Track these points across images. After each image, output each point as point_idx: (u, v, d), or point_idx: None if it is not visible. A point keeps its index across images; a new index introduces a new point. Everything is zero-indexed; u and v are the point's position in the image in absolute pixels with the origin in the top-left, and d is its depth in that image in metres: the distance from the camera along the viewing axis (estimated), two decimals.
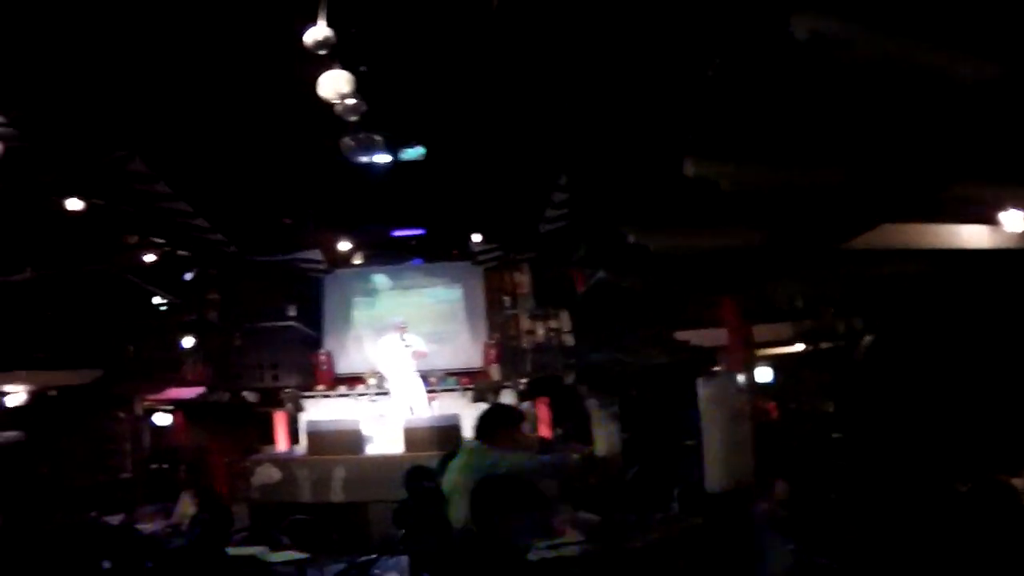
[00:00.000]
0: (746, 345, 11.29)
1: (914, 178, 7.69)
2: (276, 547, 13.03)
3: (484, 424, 8.45)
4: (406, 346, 20.90)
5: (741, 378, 11.01)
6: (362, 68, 14.85)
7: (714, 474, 10.37)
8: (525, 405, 20.05)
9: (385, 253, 27.68)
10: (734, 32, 6.59)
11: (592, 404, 17.51)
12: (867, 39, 5.60)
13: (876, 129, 6.87)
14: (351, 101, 14.50)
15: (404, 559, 11.57)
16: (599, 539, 10.91)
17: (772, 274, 11.28)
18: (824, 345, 12.34)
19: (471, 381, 24.49)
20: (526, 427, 11.21)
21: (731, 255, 9.79)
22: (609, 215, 10.92)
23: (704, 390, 10.63)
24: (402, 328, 21.28)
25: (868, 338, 11.32)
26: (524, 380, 22.68)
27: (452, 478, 8.33)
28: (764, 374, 12.55)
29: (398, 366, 21.04)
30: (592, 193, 12.79)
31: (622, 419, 16.47)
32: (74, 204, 16.23)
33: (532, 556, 9.70)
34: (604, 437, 17.02)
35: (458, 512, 7.93)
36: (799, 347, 12.99)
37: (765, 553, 7.02)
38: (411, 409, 20.77)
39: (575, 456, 17.16)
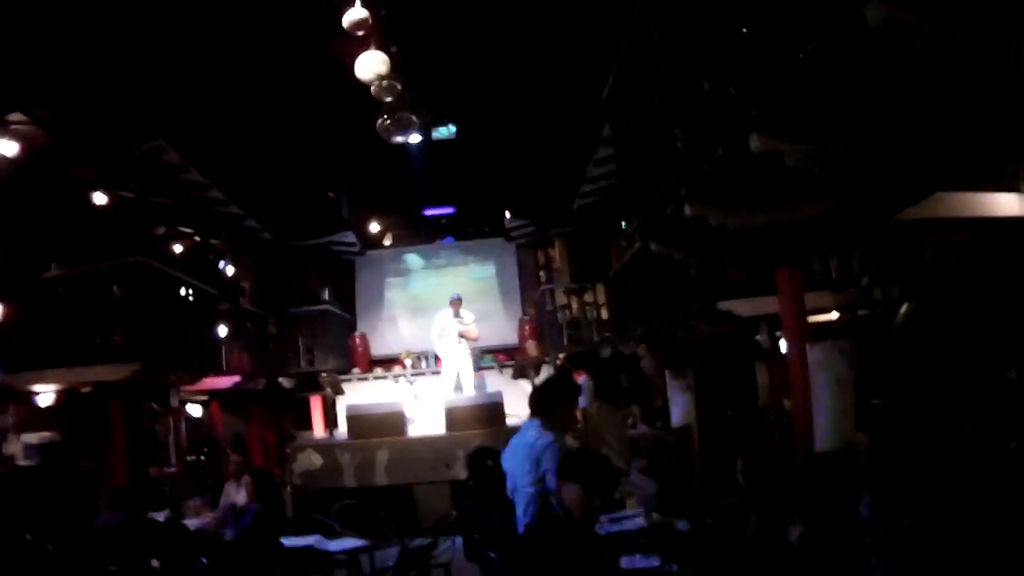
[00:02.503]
0: (799, 315, 11.12)
1: (972, 147, 7.55)
2: (330, 534, 12.92)
3: (541, 400, 8.27)
4: (459, 323, 20.73)
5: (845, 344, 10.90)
6: (393, 49, 14.76)
7: (823, 436, 10.31)
8: (582, 379, 19.78)
9: (418, 233, 27.71)
10: (804, 14, 6.44)
11: (667, 377, 17.27)
12: (940, 28, 5.45)
13: (938, 102, 6.71)
14: (387, 82, 14.42)
15: (458, 540, 11.37)
16: (663, 511, 10.83)
17: (826, 247, 11.17)
18: (861, 313, 12.17)
19: (508, 358, 24.45)
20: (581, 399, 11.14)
21: (787, 229, 9.63)
22: (657, 187, 10.77)
23: (812, 355, 10.55)
24: (457, 304, 21.10)
25: (906, 306, 11.15)
26: (562, 355, 22.53)
27: (514, 457, 8.20)
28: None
29: (450, 342, 20.88)
30: (638, 167, 12.62)
31: (697, 392, 16.30)
32: (104, 198, 16.17)
33: (599, 530, 9.64)
34: (680, 410, 16.82)
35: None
36: (834, 316, 12.81)
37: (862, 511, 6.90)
38: (458, 386, 20.61)
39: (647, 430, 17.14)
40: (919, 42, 5.44)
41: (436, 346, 21.62)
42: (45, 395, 15.36)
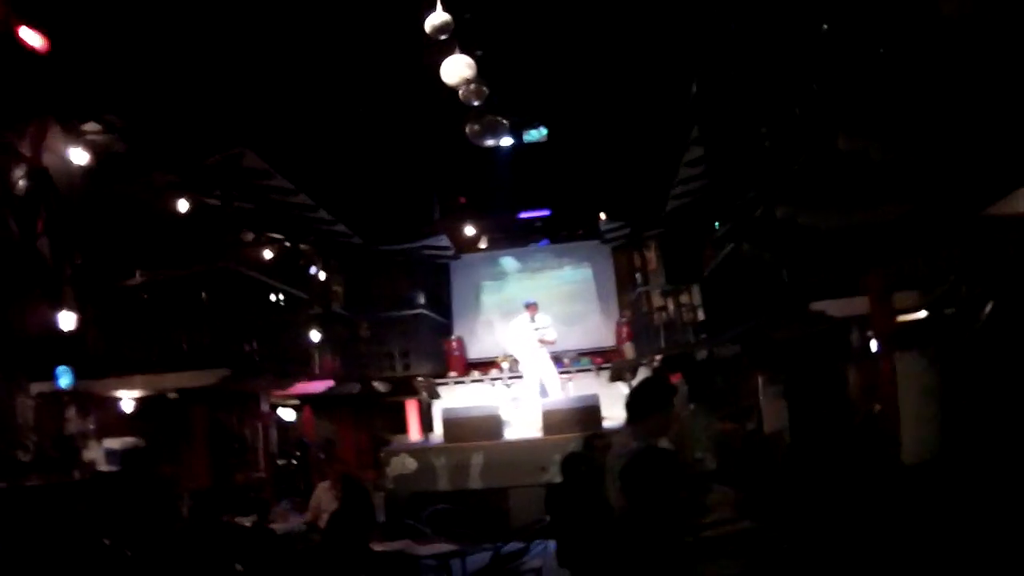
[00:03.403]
0: (889, 315, 10.87)
1: None
2: (420, 539, 12.81)
3: (635, 406, 8.08)
4: (536, 328, 20.60)
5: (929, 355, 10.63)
6: (478, 52, 14.67)
7: (908, 447, 10.06)
8: (678, 382, 19.61)
9: (512, 236, 27.59)
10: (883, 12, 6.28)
11: (760, 381, 17.00)
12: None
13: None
14: (474, 86, 14.33)
15: (551, 545, 11.21)
16: (754, 517, 10.62)
17: (913, 246, 10.93)
18: (947, 311, 11.88)
19: (604, 360, 24.28)
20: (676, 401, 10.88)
21: (875, 228, 9.43)
22: (747, 189, 10.59)
23: (899, 365, 10.30)
24: (533, 309, 20.97)
25: (991, 303, 10.84)
26: (658, 357, 22.32)
27: (608, 462, 8.04)
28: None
29: (529, 347, 20.74)
30: (728, 169, 12.44)
31: (789, 396, 16.00)
32: (186, 204, 16.23)
33: (689, 538, 9.45)
34: (773, 414, 16.55)
35: (613, 496, 7.67)
36: (922, 314, 12.51)
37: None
38: (543, 391, 20.47)
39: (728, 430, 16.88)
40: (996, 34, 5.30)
41: (515, 352, 21.49)
42: (128, 401, 15.43)
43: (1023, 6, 5.22)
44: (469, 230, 26.29)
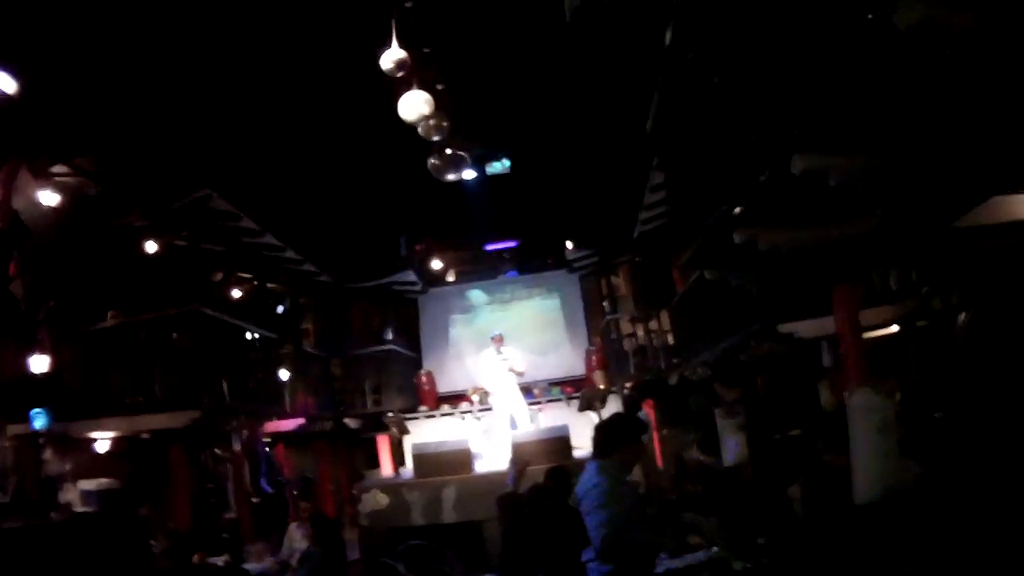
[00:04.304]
0: (856, 333, 10.92)
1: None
2: None
3: (603, 440, 8.11)
4: (503, 359, 20.67)
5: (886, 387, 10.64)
6: (439, 87, 14.72)
7: (862, 486, 10.04)
8: (642, 414, 19.66)
9: (480, 268, 27.65)
10: (835, 25, 6.34)
11: (718, 413, 16.97)
12: (976, 27, 5.31)
13: (984, 103, 6.55)
14: (433, 121, 14.36)
15: None
16: (722, 545, 10.67)
17: (881, 261, 10.99)
18: (920, 324, 11.98)
19: (575, 389, 24.28)
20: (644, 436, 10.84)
21: (839, 245, 9.47)
22: (708, 214, 10.65)
23: (852, 400, 10.30)
24: (499, 341, 21.07)
25: (964, 314, 10.92)
26: (629, 384, 22.37)
27: (578, 499, 8.07)
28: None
29: (498, 380, 20.81)
30: (689, 193, 12.52)
31: (750, 424, 15.99)
32: (155, 246, 16.24)
33: (659, 568, 9.51)
34: (731, 447, 16.57)
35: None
36: (895, 328, 12.60)
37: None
38: (513, 423, 20.51)
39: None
40: (954, 41, 5.34)
41: (486, 384, 21.63)
42: (103, 442, 15.44)
43: (988, 15, 5.27)
44: (436, 264, 26.35)
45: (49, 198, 13.79)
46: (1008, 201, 9.10)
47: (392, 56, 12.94)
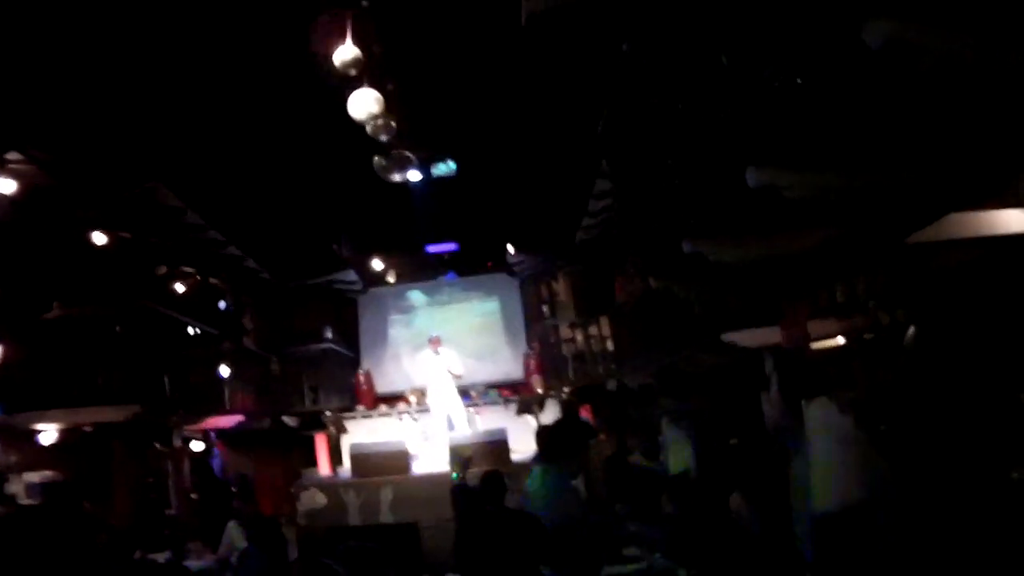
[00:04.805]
0: (803, 344, 11.04)
1: (985, 163, 7.49)
2: None
3: (550, 444, 8.17)
4: (441, 361, 20.69)
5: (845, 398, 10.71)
6: (389, 87, 14.71)
7: (819, 498, 10.10)
8: (584, 418, 19.74)
9: (420, 269, 27.61)
10: (799, 38, 6.40)
11: (664, 420, 16.99)
12: (944, 44, 5.39)
13: (944, 121, 6.65)
14: (382, 120, 14.35)
15: None
16: (665, 553, 10.70)
17: (830, 275, 11.10)
18: (866, 337, 12.09)
19: (513, 393, 24.27)
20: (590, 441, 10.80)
21: (788, 258, 9.57)
22: (653, 223, 10.73)
23: (810, 410, 10.34)
24: (436, 342, 21.12)
25: (912, 329, 11.04)
26: (567, 389, 22.44)
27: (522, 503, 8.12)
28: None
29: (435, 381, 20.86)
30: (635, 202, 12.59)
31: (695, 432, 16.05)
32: (102, 238, 16.12)
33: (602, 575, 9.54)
34: (677, 455, 16.59)
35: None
36: (840, 341, 12.71)
37: None
38: (451, 425, 20.55)
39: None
40: (923, 60, 5.41)
41: (423, 386, 21.77)
42: (47, 434, 15.34)
43: (951, 30, 5.35)
44: (377, 264, 26.28)
45: (3, 185, 13.67)
46: (959, 217, 9.24)
47: (345, 54, 12.92)
